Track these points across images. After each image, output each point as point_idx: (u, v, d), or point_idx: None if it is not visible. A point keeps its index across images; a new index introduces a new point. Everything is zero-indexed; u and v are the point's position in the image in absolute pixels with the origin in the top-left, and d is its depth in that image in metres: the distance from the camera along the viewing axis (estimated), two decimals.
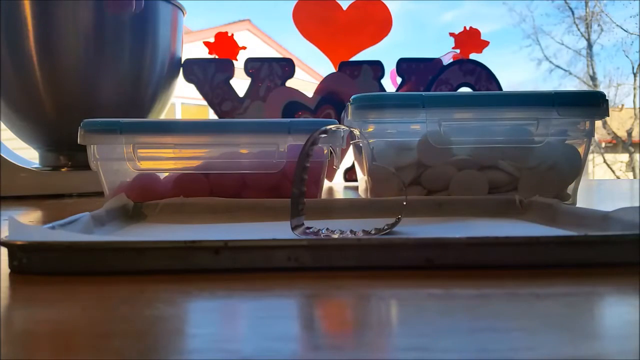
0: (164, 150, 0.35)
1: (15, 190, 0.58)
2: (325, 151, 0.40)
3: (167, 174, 0.40)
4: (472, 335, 0.13)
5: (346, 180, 0.78)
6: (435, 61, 0.76)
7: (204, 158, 0.39)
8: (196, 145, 0.39)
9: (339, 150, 0.40)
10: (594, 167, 5.80)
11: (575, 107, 0.39)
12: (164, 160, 0.39)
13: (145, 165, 0.39)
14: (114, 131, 0.38)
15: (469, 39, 0.76)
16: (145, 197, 0.37)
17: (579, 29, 6.30)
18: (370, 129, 0.41)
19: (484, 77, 0.74)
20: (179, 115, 4.23)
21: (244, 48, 0.75)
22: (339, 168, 0.49)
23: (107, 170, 0.39)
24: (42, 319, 0.15)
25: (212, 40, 0.74)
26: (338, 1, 0.79)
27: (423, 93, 0.40)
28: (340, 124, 0.48)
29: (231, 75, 0.73)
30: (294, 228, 0.25)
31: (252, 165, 0.39)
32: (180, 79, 0.73)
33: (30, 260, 0.19)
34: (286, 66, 0.74)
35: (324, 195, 0.58)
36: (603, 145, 6.00)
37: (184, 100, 4.10)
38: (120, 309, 0.15)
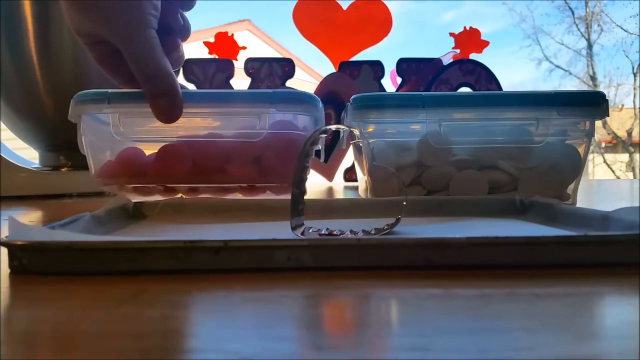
0: (149, 120, 0.36)
1: (15, 190, 0.58)
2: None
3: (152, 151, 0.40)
4: (472, 335, 0.13)
5: (346, 180, 0.78)
6: (435, 61, 0.76)
7: (189, 128, 0.39)
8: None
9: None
10: (594, 167, 5.80)
11: (575, 107, 0.39)
12: (150, 133, 0.40)
13: (130, 133, 0.39)
14: (102, 100, 0.38)
15: (469, 39, 0.76)
16: (129, 170, 0.37)
17: (579, 29, 6.30)
18: (370, 129, 0.41)
19: (484, 77, 0.74)
20: None
21: (244, 48, 0.75)
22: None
23: (94, 149, 0.40)
24: (42, 319, 0.15)
25: (212, 40, 0.74)
26: (338, 1, 0.79)
27: (423, 93, 0.40)
28: (340, 123, 0.48)
29: (231, 75, 0.73)
30: (294, 228, 0.25)
31: (234, 135, 0.39)
32: (181, 79, 0.73)
33: (30, 260, 0.19)
34: (286, 66, 0.74)
35: (324, 195, 0.58)
36: (603, 145, 6.00)
37: None
38: (120, 309, 0.15)
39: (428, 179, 0.40)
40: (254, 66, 0.74)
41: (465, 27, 0.76)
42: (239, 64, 0.74)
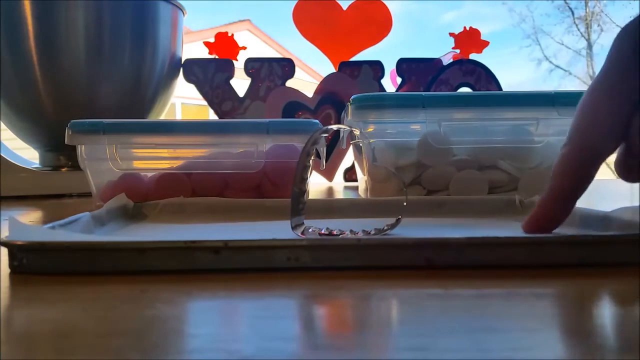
0: (147, 150, 0.36)
1: (15, 190, 0.58)
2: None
3: (151, 173, 0.40)
4: (472, 335, 0.13)
5: (346, 180, 0.78)
6: (435, 61, 0.76)
7: (186, 158, 0.39)
8: (177, 145, 0.40)
9: (324, 151, 0.40)
10: None
11: (575, 107, 0.39)
12: (147, 160, 0.40)
13: (127, 165, 0.39)
14: (97, 132, 0.38)
15: (469, 39, 0.76)
16: (129, 195, 0.37)
17: (578, 29, 6.30)
18: (370, 129, 0.41)
19: (484, 77, 0.74)
20: (179, 116, 4.23)
21: (244, 48, 0.75)
22: (324, 168, 0.49)
23: (93, 170, 0.40)
24: (42, 319, 0.15)
25: (212, 40, 0.74)
26: (338, 1, 0.79)
27: (423, 93, 0.40)
28: (339, 124, 0.48)
29: (231, 75, 0.73)
30: (294, 228, 0.25)
31: (232, 165, 0.39)
32: (180, 79, 0.73)
33: (30, 260, 0.19)
34: (286, 66, 0.74)
35: (324, 195, 0.58)
36: None
37: (184, 100, 4.09)
38: (120, 309, 0.15)
39: (428, 179, 0.40)
40: (254, 66, 0.74)
41: (465, 28, 0.76)
42: (239, 64, 0.74)
